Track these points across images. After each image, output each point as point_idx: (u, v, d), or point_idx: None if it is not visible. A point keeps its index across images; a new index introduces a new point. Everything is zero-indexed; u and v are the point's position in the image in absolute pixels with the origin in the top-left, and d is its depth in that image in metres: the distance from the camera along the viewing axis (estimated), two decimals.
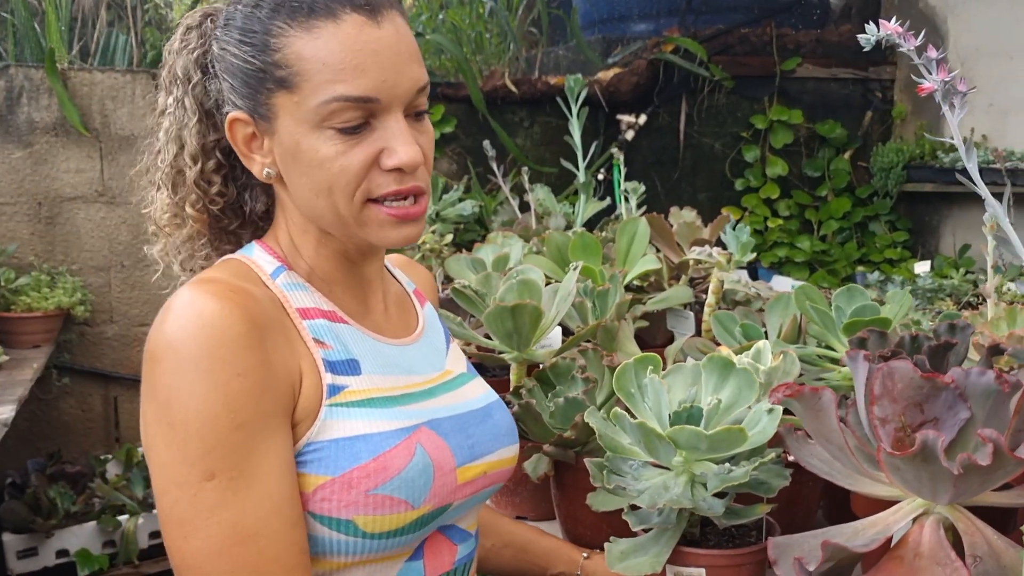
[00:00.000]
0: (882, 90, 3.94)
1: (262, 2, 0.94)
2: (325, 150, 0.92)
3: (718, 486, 1.07)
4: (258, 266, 0.99)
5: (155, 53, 3.85)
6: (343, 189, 0.93)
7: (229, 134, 0.97)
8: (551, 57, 3.94)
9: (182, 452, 0.84)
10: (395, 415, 0.96)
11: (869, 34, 1.10)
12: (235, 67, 0.95)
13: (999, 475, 0.92)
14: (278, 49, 0.92)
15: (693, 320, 1.93)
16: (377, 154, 0.93)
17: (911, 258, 3.54)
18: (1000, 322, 1.41)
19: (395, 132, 0.93)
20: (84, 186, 3.14)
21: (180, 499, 0.85)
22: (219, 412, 0.84)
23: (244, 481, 0.85)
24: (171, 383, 0.85)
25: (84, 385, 3.22)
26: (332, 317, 0.99)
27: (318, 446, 0.91)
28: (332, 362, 0.95)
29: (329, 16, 0.91)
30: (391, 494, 0.91)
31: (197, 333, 0.85)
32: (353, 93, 0.90)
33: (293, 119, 0.92)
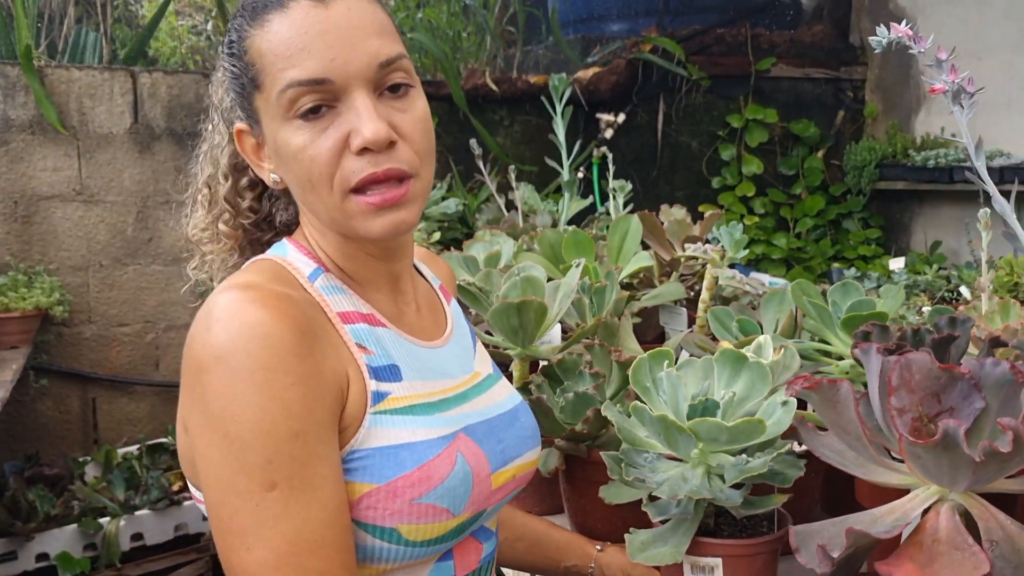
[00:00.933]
0: (853, 90, 4.01)
1: (237, 12, 0.96)
2: (296, 141, 0.91)
3: (737, 477, 1.09)
4: (295, 268, 0.97)
5: (126, 50, 3.80)
6: (319, 179, 0.91)
7: (240, 148, 0.98)
8: (530, 56, 3.95)
9: (240, 462, 0.83)
10: (436, 422, 0.95)
11: (880, 36, 1.12)
12: (229, 81, 0.97)
13: (1016, 462, 0.94)
14: (245, 51, 0.93)
15: (686, 316, 1.96)
16: (345, 137, 0.90)
17: (884, 255, 3.61)
18: (994, 315, 1.45)
19: (358, 111, 0.90)
20: (61, 184, 3.09)
21: (241, 509, 0.83)
22: (277, 422, 0.83)
23: (304, 490, 0.84)
24: (224, 394, 0.83)
25: (62, 386, 3.17)
26: (371, 320, 0.98)
27: (363, 453, 0.90)
28: (375, 368, 0.94)
29: (278, 8, 0.91)
30: (435, 503, 0.91)
31: (248, 344, 0.83)
32: (302, 76, 0.89)
33: (268, 117, 0.93)
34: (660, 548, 1.13)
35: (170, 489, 2.78)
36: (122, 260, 3.20)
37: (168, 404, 3.31)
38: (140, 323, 3.26)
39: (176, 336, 3.30)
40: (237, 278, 0.95)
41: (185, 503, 2.75)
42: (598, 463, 1.30)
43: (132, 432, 3.27)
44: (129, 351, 3.26)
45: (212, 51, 4.21)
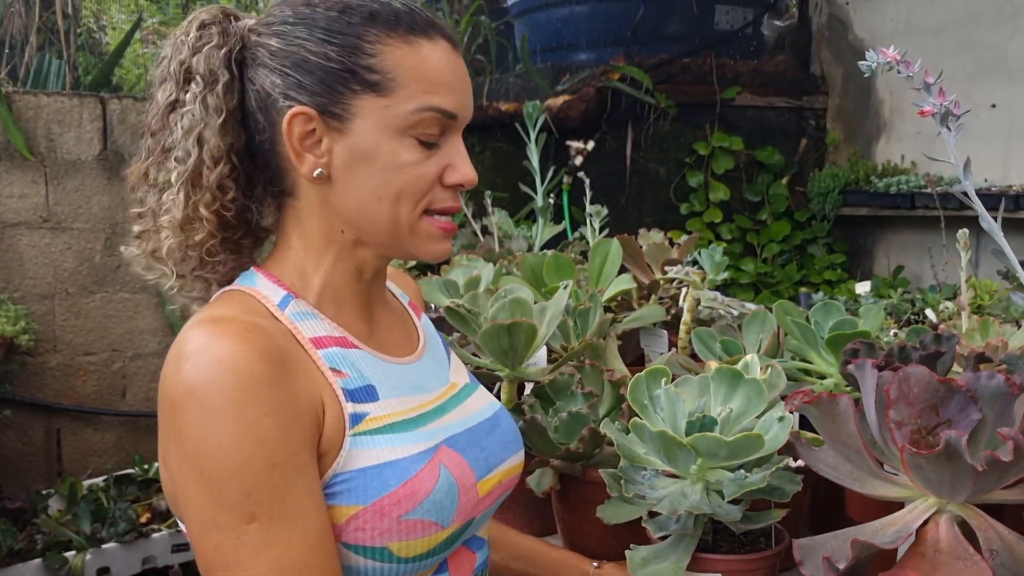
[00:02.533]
0: (815, 118, 4.11)
1: (351, 9, 0.95)
2: (406, 156, 0.95)
3: (736, 492, 1.10)
4: (264, 296, 0.97)
5: (91, 77, 3.77)
6: (412, 196, 0.96)
7: (287, 128, 0.94)
8: (500, 84, 3.98)
9: (219, 498, 0.83)
10: (416, 438, 0.96)
11: (869, 61, 1.15)
12: (311, 63, 0.94)
13: (1015, 471, 0.96)
14: (374, 55, 0.93)
15: (666, 338, 1.97)
16: (443, 169, 0.98)
17: (849, 279, 3.67)
18: (974, 333, 1.49)
19: (459, 151, 0.99)
20: (28, 211, 3.03)
21: (223, 542, 0.84)
22: (252, 454, 0.83)
23: (284, 519, 0.84)
24: (198, 431, 0.83)
25: (25, 417, 3.08)
26: (344, 343, 0.98)
27: (346, 476, 0.90)
28: (350, 390, 0.94)
29: (426, 35, 0.96)
30: (422, 517, 0.92)
31: (219, 379, 0.83)
32: (444, 107, 0.96)
33: (376, 122, 0.94)
34: (661, 564, 1.14)
35: (138, 521, 2.71)
36: (89, 288, 3.14)
37: (136, 434, 3.23)
38: (107, 352, 3.20)
39: (144, 365, 3.23)
40: (206, 312, 0.94)
41: (154, 535, 2.69)
42: (593, 482, 1.31)
43: (98, 463, 3.18)
44: (95, 380, 3.19)
45: None
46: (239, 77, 0.97)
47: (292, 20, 0.96)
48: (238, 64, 0.97)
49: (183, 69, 0.96)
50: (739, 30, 4.19)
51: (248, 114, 0.98)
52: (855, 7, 4.10)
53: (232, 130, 0.97)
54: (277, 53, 0.95)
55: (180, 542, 2.68)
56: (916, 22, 3.84)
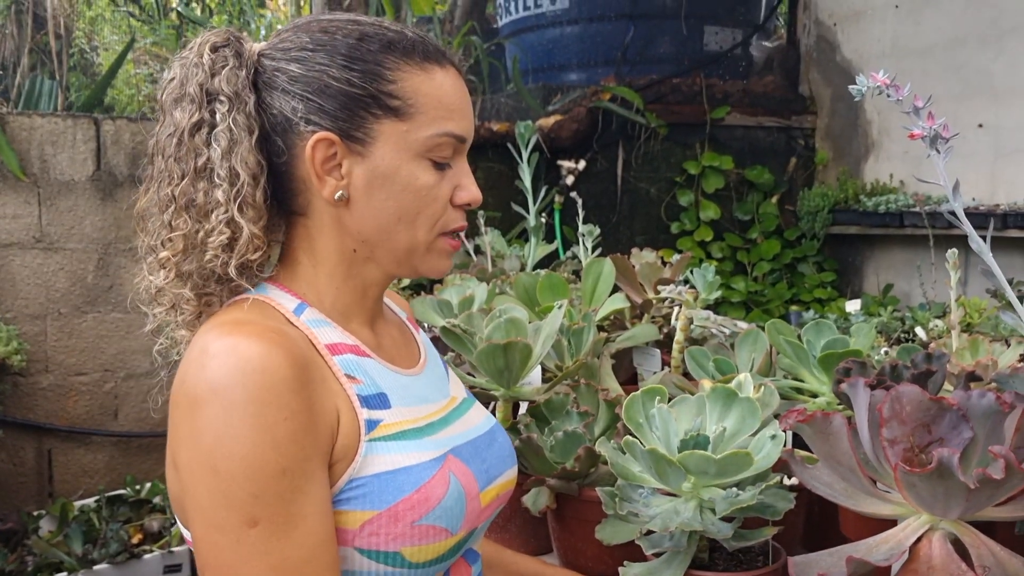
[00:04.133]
0: (804, 138, 4.15)
1: (368, 37, 0.97)
2: (424, 178, 0.99)
3: (727, 509, 1.11)
4: (279, 304, 0.98)
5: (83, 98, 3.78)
6: (430, 216, 1.00)
7: (310, 153, 0.96)
8: (492, 104, 4.01)
9: (226, 497, 0.84)
10: (426, 445, 0.98)
11: (860, 85, 1.17)
12: (333, 89, 0.95)
13: (1006, 488, 0.97)
14: (394, 81, 0.97)
15: (659, 357, 1.98)
16: (453, 190, 1.03)
17: (839, 297, 3.70)
18: (964, 352, 1.51)
19: (467, 172, 1.05)
20: (20, 232, 3.03)
21: (222, 544, 0.84)
22: (267, 458, 0.84)
23: (287, 526, 0.85)
24: (218, 428, 0.84)
25: (16, 438, 3.07)
26: (357, 351, 1.00)
27: (361, 482, 0.91)
28: (364, 397, 0.96)
29: (438, 63, 1.01)
30: (434, 523, 0.93)
31: (244, 378, 0.84)
32: (457, 131, 1.01)
33: (396, 146, 0.97)
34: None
35: (130, 542, 2.70)
36: (81, 308, 3.14)
37: (128, 455, 3.22)
38: (99, 372, 3.19)
39: (136, 385, 3.23)
40: (225, 316, 0.95)
41: (145, 556, 2.67)
42: (589, 501, 1.32)
43: (90, 484, 3.17)
44: (87, 401, 3.18)
45: None
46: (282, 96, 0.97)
47: (311, 47, 0.97)
48: (254, 87, 0.98)
49: (203, 91, 0.96)
50: (728, 51, 4.23)
51: (264, 136, 0.98)
52: (843, 29, 4.15)
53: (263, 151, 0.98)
54: (298, 79, 0.96)
55: (172, 563, 2.67)
56: (903, 44, 3.90)
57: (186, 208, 0.97)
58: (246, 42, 1.00)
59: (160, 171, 0.99)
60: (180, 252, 0.98)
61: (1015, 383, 1.21)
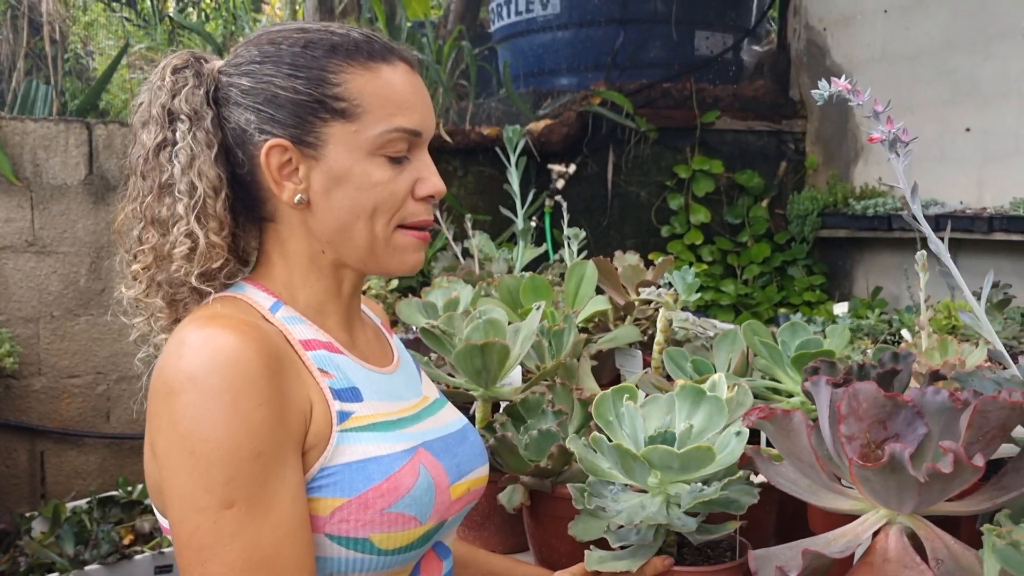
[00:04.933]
0: (794, 142, 4.17)
1: (313, 43, 1.01)
2: (378, 175, 1.01)
3: (691, 503, 1.14)
4: (255, 302, 1.03)
5: (78, 102, 3.81)
6: (387, 211, 1.02)
7: (264, 160, 1.00)
8: (482, 108, 4.04)
9: (204, 480, 0.88)
10: (397, 437, 1.02)
11: (822, 89, 1.20)
12: (281, 98, 1.00)
13: (957, 483, 1.00)
14: (339, 83, 1.00)
15: (640, 358, 2.01)
16: (413, 183, 1.04)
17: (828, 300, 3.72)
18: (934, 352, 1.53)
19: (428, 165, 1.06)
20: (13, 236, 3.06)
21: (201, 525, 0.88)
22: (241, 442, 0.88)
23: (261, 508, 0.89)
24: (194, 415, 0.88)
25: (9, 440, 3.10)
26: (331, 348, 1.04)
27: (333, 470, 0.95)
28: (337, 390, 1.00)
29: (384, 60, 1.03)
30: (403, 511, 0.97)
31: (219, 367, 0.88)
32: (408, 125, 1.02)
33: (347, 146, 1.00)
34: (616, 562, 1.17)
35: (121, 543, 2.72)
36: (74, 311, 3.17)
37: (120, 456, 3.25)
38: (91, 374, 3.22)
39: (128, 387, 3.25)
40: (203, 311, 0.99)
41: (136, 557, 2.70)
42: (562, 498, 1.34)
43: (82, 486, 3.20)
44: (80, 403, 3.20)
45: None
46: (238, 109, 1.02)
47: (259, 59, 1.02)
48: (214, 103, 1.03)
49: (165, 111, 1.01)
50: (718, 55, 4.26)
51: (227, 149, 1.03)
52: (832, 34, 4.18)
53: (221, 163, 1.03)
54: (249, 91, 1.01)
55: (163, 563, 2.70)
56: (892, 49, 3.92)
57: (152, 223, 1.02)
58: (207, 62, 1.05)
59: (132, 189, 1.04)
60: (150, 264, 1.03)
61: (974, 381, 1.24)
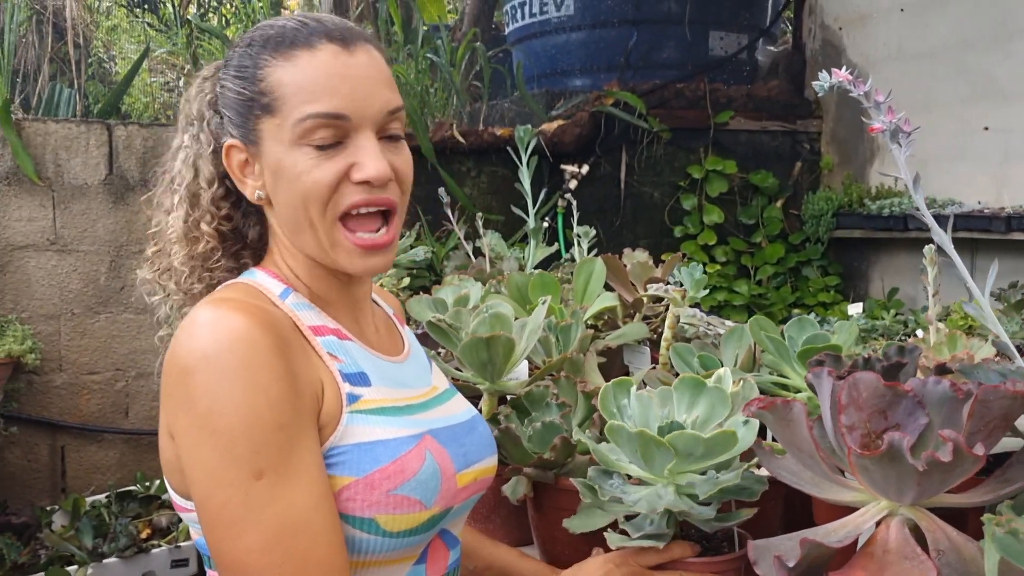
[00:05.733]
0: (809, 142, 4.16)
1: (253, 42, 1.05)
2: (302, 164, 1.01)
3: (709, 491, 1.14)
4: (266, 288, 1.06)
5: (100, 105, 3.86)
6: (316, 201, 1.01)
7: (226, 161, 1.06)
8: (495, 109, 4.06)
9: (229, 455, 0.90)
10: (404, 423, 1.04)
11: (823, 81, 1.21)
12: (230, 100, 1.05)
13: (957, 473, 1.00)
14: (263, 79, 1.02)
15: (649, 355, 2.02)
16: (348, 168, 1.01)
17: (843, 301, 3.70)
18: (942, 347, 1.53)
19: (365, 149, 1.01)
20: (36, 234, 3.12)
21: (231, 499, 0.90)
22: (262, 414, 0.90)
23: (289, 477, 0.91)
24: (211, 392, 0.90)
25: (31, 434, 3.16)
26: (339, 334, 1.07)
27: (342, 449, 0.98)
28: (346, 373, 1.03)
29: (306, 46, 1.02)
30: (408, 494, 0.99)
31: (232, 345, 0.91)
32: (324, 110, 0.99)
33: (275, 140, 1.02)
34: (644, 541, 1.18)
35: (138, 537, 2.76)
36: (94, 308, 3.22)
37: (138, 452, 3.29)
38: (111, 371, 3.27)
39: (146, 384, 3.30)
40: (214, 295, 1.03)
41: (154, 551, 2.73)
42: (565, 490, 1.35)
43: (101, 480, 3.25)
44: (99, 399, 3.25)
45: None
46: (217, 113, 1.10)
47: (224, 65, 1.09)
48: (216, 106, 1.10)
49: (185, 118, 1.12)
50: (733, 56, 4.25)
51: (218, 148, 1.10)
52: (848, 32, 4.16)
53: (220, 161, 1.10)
54: (218, 97, 1.08)
55: (179, 557, 2.73)
56: (909, 47, 3.90)
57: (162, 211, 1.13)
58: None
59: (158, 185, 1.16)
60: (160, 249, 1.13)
61: (978, 373, 1.24)
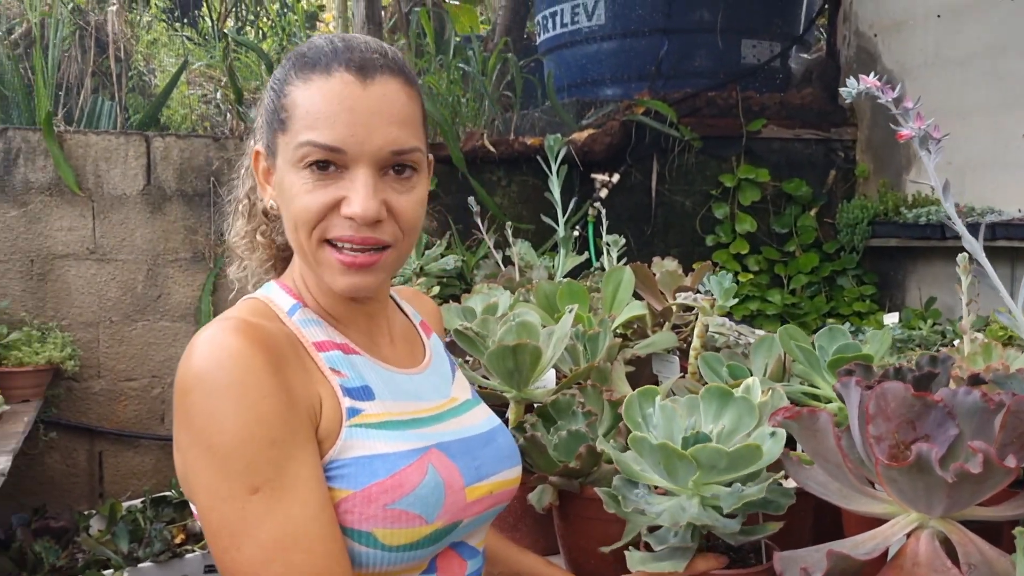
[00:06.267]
0: (844, 150, 4.12)
1: (288, 58, 1.08)
2: (298, 187, 1.02)
3: (735, 504, 1.13)
4: (276, 304, 1.09)
5: (139, 117, 3.93)
6: (304, 224, 1.03)
7: (253, 165, 1.11)
8: (526, 119, 4.07)
9: (223, 470, 0.92)
10: (407, 437, 1.04)
11: (850, 87, 1.20)
12: (264, 109, 1.09)
13: (988, 485, 0.98)
14: (286, 95, 1.04)
15: (678, 364, 2.01)
16: (339, 201, 1.01)
17: (879, 311, 3.66)
18: (976, 357, 1.51)
19: (357, 185, 1.01)
20: (76, 244, 3.19)
21: (228, 513, 0.92)
22: (253, 431, 0.92)
23: (284, 491, 0.93)
24: (204, 410, 0.93)
25: (70, 440, 3.22)
26: (345, 349, 1.08)
27: (340, 463, 0.99)
28: (348, 388, 1.04)
29: (324, 71, 1.02)
30: (407, 509, 0.99)
31: (223, 364, 0.93)
32: (320, 140, 1.00)
33: (283, 157, 1.05)
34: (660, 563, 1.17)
35: (172, 542, 2.79)
36: (131, 316, 3.28)
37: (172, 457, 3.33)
38: (147, 378, 3.32)
39: None
40: (223, 314, 1.06)
41: (187, 556, 2.76)
42: (591, 499, 1.35)
43: (137, 485, 3.30)
44: (136, 405, 3.31)
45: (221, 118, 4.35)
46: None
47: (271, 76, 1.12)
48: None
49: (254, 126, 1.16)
50: (765, 63, 4.23)
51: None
52: (883, 39, 4.12)
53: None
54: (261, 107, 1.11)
55: (212, 563, 2.76)
56: (944, 53, 3.85)
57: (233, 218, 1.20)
58: None
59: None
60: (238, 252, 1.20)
61: (1012, 383, 1.22)
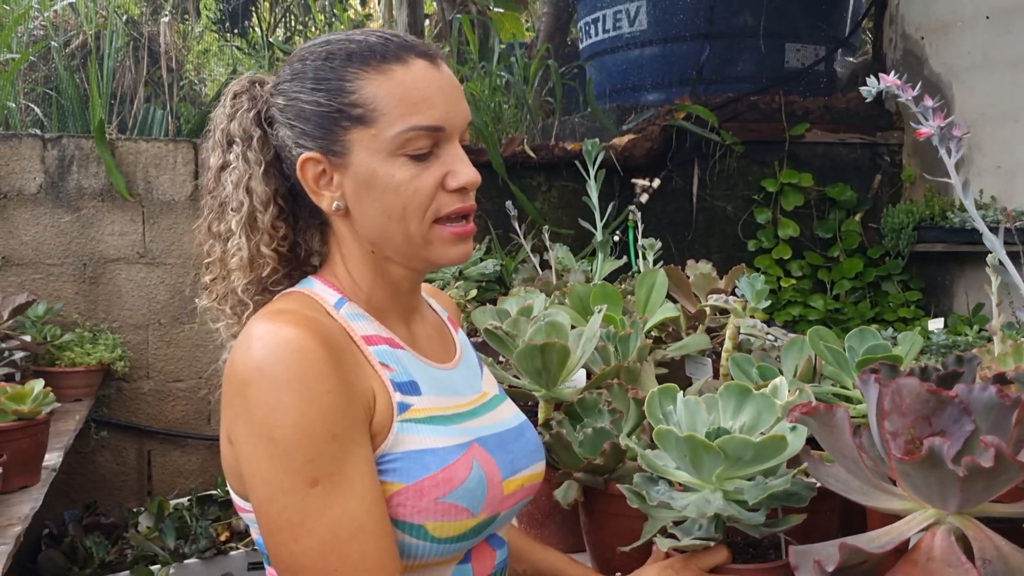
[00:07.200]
0: (890, 154, 4.07)
1: (332, 55, 1.07)
2: (400, 175, 1.04)
3: (759, 496, 1.14)
4: (321, 298, 1.09)
5: (190, 125, 4.04)
6: (416, 209, 1.05)
7: (300, 173, 1.08)
8: (567, 125, 4.10)
9: (285, 463, 0.94)
10: (452, 432, 1.06)
11: (870, 86, 1.21)
12: (307, 112, 1.07)
13: (1002, 480, 0.98)
14: (354, 91, 1.05)
15: (711, 367, 2.01)
16: (443, 177, 1.06)
17: (924, 317, 3.60)
18: (1007, 357, 1.49)
19: (457, 157, 1.07)
20: (127, 248, 3.29)
21: (288, 505, 0.94)
22: (316, 425, 0.94)
23: (344, 484, 0.95)
24: (267, 403, 0.94)
25: (120, 439, 3.32)
26: (392, 343, 1.10)
27: (393, 457, 1.01)
28: (398, 383, 1.06)
29: (399, 61, 1.05)
30: (456, 502, 1.01)
31: (286, 357, 0.95)
32: (425, 123, 1.04)
33: (368, 151, 1.05)
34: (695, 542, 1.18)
35: (217, 539, 2.87)
36: (180, 319, 3.37)
37: (218, 457, 3.38)
38: (195, 379, 3.41)
39: None
40: (270, 307, 1.07)
41: (232, 553, 2.83)
42: (615, 496, 1.36)
43: (183, 484, 3.39)
44: (183, 406, 3.40)
45: None
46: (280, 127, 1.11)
47: (289, 77, 1.09)
48: (267, 121, 1.12)
49: (224, 136, 1.12)
50: (809, 67, 4.19)
51: (279, 164, 1.12)
52: (931, 42, 4.07)
53: (274, 178, 1.12)
54: (284, 109, 1.09)
55: (256, 560, 2.82)
56: (993, 55, 3.79)
57: (215, 237, 1.13)
58: (263, 84, 1.13)
59: (203, 208, 1.15)
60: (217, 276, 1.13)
61: None
